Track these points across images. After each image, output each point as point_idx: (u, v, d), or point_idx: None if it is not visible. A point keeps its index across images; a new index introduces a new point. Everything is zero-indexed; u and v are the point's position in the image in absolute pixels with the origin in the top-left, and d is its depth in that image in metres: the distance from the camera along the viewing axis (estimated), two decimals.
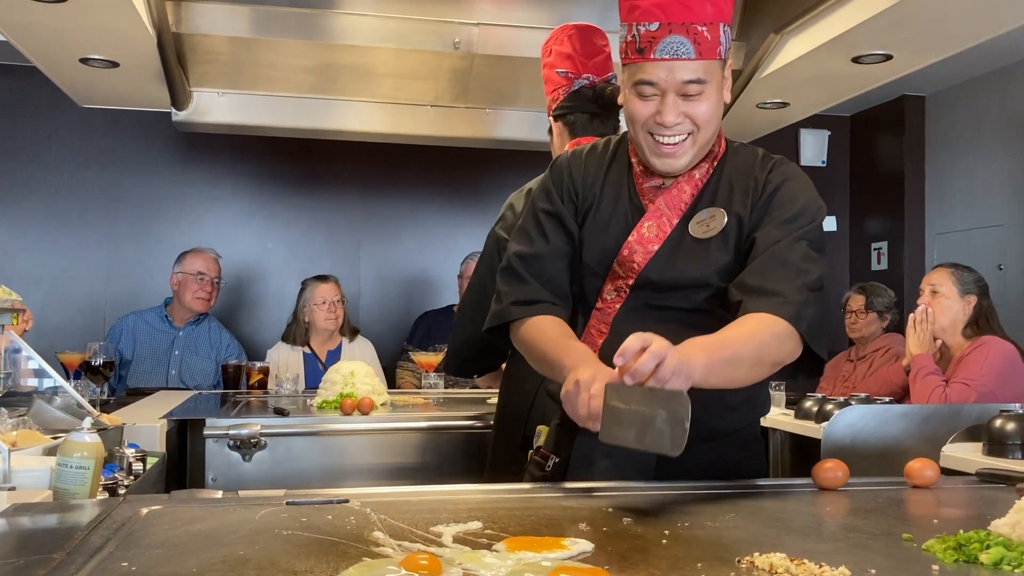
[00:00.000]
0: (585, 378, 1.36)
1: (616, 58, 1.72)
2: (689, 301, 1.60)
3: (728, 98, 1.61)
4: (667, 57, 1.50)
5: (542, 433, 1.78)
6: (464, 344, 2.37)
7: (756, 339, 1.44)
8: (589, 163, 1.70)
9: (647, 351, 1.25)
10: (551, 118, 2.33)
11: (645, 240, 1.60)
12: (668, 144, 1.55)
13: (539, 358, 1.59)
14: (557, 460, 1.65)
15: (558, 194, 1.68)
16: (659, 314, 1.60)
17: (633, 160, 1.67)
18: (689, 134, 1.55)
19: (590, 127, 2.24)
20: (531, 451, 1.79)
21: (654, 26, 1.50)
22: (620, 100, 1.64)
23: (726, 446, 1.61)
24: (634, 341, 1.27)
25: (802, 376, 1.61)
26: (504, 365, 2.37)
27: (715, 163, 1.64)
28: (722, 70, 1.57)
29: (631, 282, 1.61)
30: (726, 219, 1.58)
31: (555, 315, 1.62)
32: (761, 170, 1.62)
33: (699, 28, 1.50)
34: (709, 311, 1.58)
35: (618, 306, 1.63)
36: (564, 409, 1.40)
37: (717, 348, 1.38)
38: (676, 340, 1.58)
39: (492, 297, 1.71)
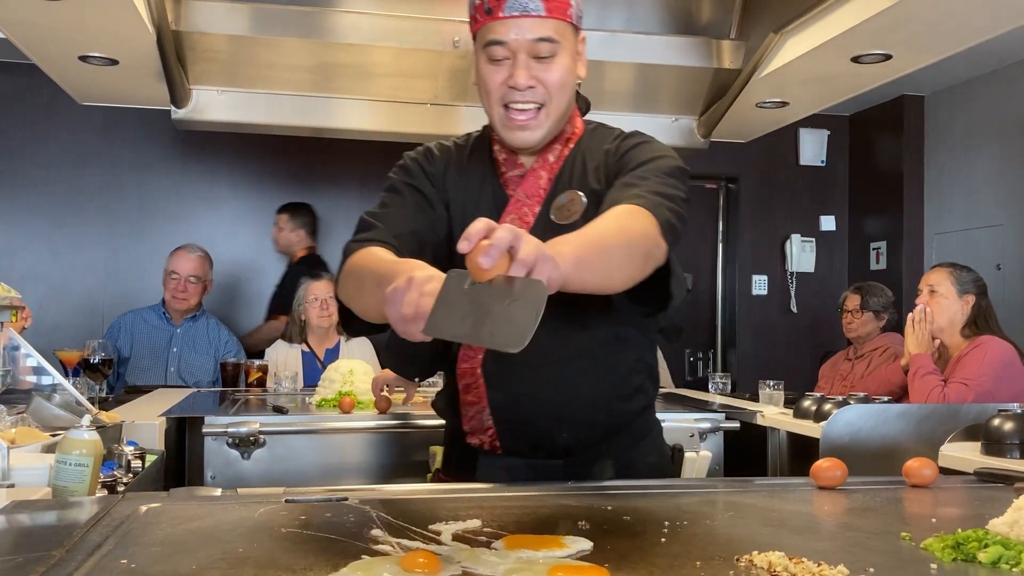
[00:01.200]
0: (420, 276, 1.13)
1: None
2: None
3: (583, 73, 1.57)
4: (516, 14, 1.47)
5: (437, 454, 1.71)
6: (400, 341, 2.29)
7: (623, 227, 1.32)
8: (449, 158, 1.64)
9: (500, 228, 1.06)
10: None
11: None
12: (521, 113, 1.51)
13: (368, 284, 1.33)
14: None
15: (417, 169, 1.63)
16: None
17: (495, 148, 1.62)
18: (542, 105, 1.51)
19: None
20: (430, 475, 1.73)
21: None
22: (473, 80, 1.59)
23: (625, 439, 1.57)
24: (479, 223, 1.07)
25: (649, 310, 1.46)
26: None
27: (570, 144, 1.60)
28: (575, 39, 1.54)
29: None
30: (585, 201, 1.52)
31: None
32: (613, 142, 1.58)
33: None
34: (589, 299, 1.42)
35: None
36: (386, 311, 1.15)
37: (585, 239, 1.24)
38: (560, 338, 1.48)
39: None
